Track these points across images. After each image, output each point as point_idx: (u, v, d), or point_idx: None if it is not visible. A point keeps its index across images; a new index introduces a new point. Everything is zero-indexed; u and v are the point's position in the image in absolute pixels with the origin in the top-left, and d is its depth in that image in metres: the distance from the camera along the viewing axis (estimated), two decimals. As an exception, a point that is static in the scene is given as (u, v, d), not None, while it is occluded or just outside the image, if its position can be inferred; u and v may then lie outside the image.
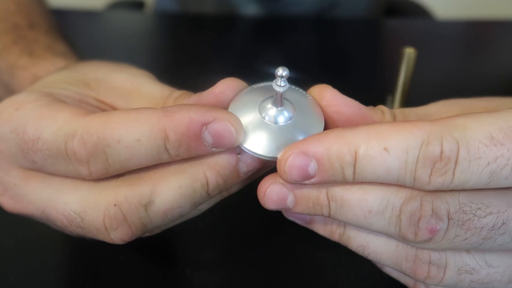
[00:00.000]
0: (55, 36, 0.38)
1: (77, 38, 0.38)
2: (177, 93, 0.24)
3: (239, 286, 0.27)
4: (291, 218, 0.24)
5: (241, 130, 0.20)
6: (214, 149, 0.20)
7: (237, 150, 0.21)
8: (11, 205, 0.24)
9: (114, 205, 0.21)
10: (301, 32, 0.62)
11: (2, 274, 0.27)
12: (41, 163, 0.22)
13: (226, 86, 0.22)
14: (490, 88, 0.50)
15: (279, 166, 0.20)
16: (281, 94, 0.21)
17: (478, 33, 0.65)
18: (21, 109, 0.22)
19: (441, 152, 0.18)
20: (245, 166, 0.22)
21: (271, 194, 0.21)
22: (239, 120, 0.21)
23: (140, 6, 0.83)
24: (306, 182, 0.20)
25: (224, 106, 0.22)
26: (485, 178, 0.18)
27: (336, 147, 0.19)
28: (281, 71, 0.21)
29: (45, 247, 0.29)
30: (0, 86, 0.36)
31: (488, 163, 0.18)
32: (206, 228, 0.30)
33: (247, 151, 0.21)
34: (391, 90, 0.35)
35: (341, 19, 0.70)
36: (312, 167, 0.19)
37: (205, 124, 0.20)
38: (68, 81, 0.25)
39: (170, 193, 0.21)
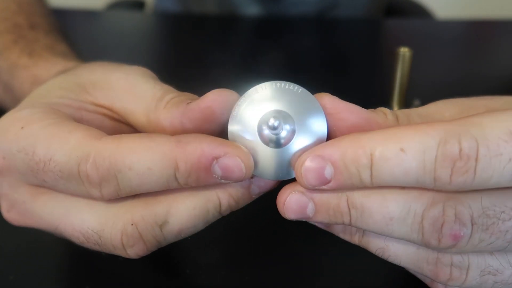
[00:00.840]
0: (56, 36, 0.38)
1: (77, 38, 0.38)
2: (168, 96, 0.24)
3: (239, 286, 0.27)
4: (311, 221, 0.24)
5: (251, 165, 0.21)
6: (223, 181, 0.21)
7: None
8: (19, 221, 0.25)
9: (131, 224, 0.22)
10: (302, 32, 0.62)
11: (2, 274, 0.27)
12: (52, 183, 0.22)
13: (213, 100, 0.22)
14: (490, 88, 0.50)
15: (296, 171, 0.20)
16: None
17: (478, 33, 0.65)
18: (27, 127, 0.22)
19: (460, 150, 0.18)
20: (258, 188, 0.22)
21: (291, 203, 0.21)
22: (250, 156, 0.21)
23: (140, 6, 0.83)
24: (324, 187, 0.20)
25: (211, 122, 0.22)
26: (508, 175, 0.18)
27: (351, 150, 0.19)
28: (273, 122, 0.21)
29: (45, 247, 0.29)
30: (0, 86, 0.36)
31: (510, 159, 0.18)
32: (206, 228, 0.30)
33: (258, 176, 0.22)
34: (390, 91, 0.35)
35: (341, 19, 0.70)
36: (328, 170, 0.20)
37: (216, 158, 0.20)
38: (65, 87, 0.25)
39: (185, 214, 0.22)
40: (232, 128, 0.22)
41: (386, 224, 0.20)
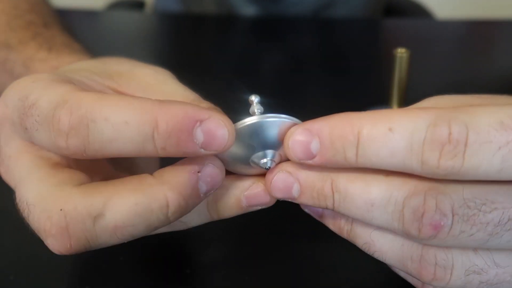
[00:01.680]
0: (69, 35, 0.39)
1: (77, 38, 0.38)
2: (204, 104, 0.23)
3: (240, 286, 0.27)
4: (306, 210, 0.24)
5: (233, 134, 0.20)
6: (202, 150, 0.20)
7: (197, 168, 0.21)
8: (4, 176, 0.24)
9: (60, 210, 0.20)
10: (301, 33, 0.62)
11: (2, 274, 0.27)
12: (30, 131, 0.22)
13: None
14: (489, 88, 0.50)
15: (285, 143, 0.20)
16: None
17: (478, 33, 0.65)
18: (36, 82, 0.22)
19: (450, 134, 0.18)
20: (205, 185, 0.21)
21: (277, 182, 0.21)
22: (233, 125, 0.20)
23: (140, 6, 0.83)
24: (310, 161, 0.20)
25: None
26: (497, 164, 0.18)
27: (339, 127, 0.19)
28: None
29: (45, 247, 0.29)
30: (11, 79, 0.36)
31: (500, 148, 0.18)
32: (206, 228, 0.30)
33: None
34: (389, 91, 0.35)
35: (340, 19, 0.70)
36: (315, 144, 0.20)
37: (200, 121, 0.19)
38: (92, 70, 0.25)
39: (124, 208, 0.20)
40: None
41: (368, 210, 0.20)
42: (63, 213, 0.20)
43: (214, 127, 0.19)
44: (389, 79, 0.34)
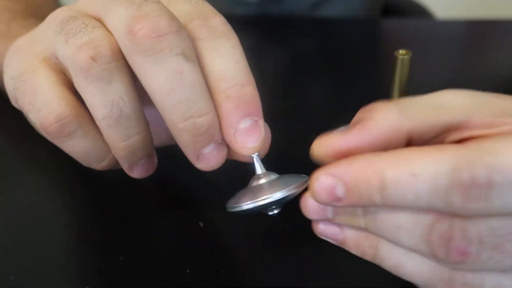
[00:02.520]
0: None
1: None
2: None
3: (239, 286, 0.27)
4: (323, 237, 0.24)
5: None
6: None
7: None
8: None
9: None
10: (300, 32, 0.62)
11: (2, 274, 0.27)
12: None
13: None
14: (490, 88, 0.50)
15: (310, 187, 0.21)
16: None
17: (478, 33, 0.65)
18: None
19: (473, 178, 0.18)
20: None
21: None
22: None
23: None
24: (337, 204, 0.20)
25: None
26: None
27: (363, 171, 0.19)
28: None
29: (45, 247, 0.29)
30: None
31: None
32: (206, 228, 0.30)
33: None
34: (389, 92, 0.35)
35: (340, 18, 0.70)
36: (340, 189, 0.20)
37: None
38: None
39: None
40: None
41: (396, 232, 0.20)
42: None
43: None
44: (388, 79, 0.34)
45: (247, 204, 0.22)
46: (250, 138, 0.23)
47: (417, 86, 0.49)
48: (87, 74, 0.22)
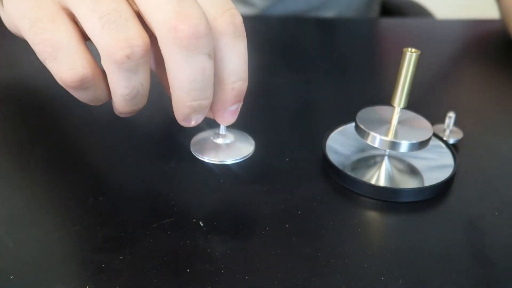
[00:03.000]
0: None
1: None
2: None
3: (239, 286, 0.27)
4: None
5: None
6: None
7: None
8: None
9: None
10: (301, 32, 0.62)
11: (2, 274, 0.27)
12: None
13: None
14: (490, 88, 0.50)
15: None
16: None
17: (478, 32, 0.65)
18: None
19: None
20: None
21: None
22: None
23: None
24: None
25: None
26: None
27: None
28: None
29: (45, 247, 0.29)
30: None
31: None
32: (207, 228, 0.31)
33: None
34: (389, 91, 0.35)
35: (340, 18, 0.70)
36: None
37: None
38: None
39: None
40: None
41: None
42: None
43: None
44: (389, 79, 0.34)
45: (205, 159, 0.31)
46: (232, 116, 0.30)
47: (417, 86, 0.49)
48: (120, 67, 0.25)
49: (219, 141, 0.32)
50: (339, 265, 0.28)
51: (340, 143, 0.38)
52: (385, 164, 0.35)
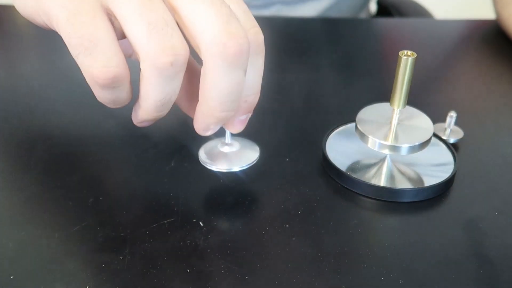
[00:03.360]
0: None
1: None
2: None
3: (240, 286, 0.27)
4: None
5: None
6: None
7: None
8: None
9: None
10: (301, 32, 0.62)
11: (3, 274, 0.27)
12: None
13: None
14: (489, 88, 0.50)
15: None
16: None
17: (478, 32, 0.65)
18: None
19: None
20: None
21: None
22: None
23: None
24: None
25: None
26: None
27: None
28: None
29: (45, 247, 0.29)
30: None
31: None
32: (207, 228, 0.31)
33: None
34: (389, 90, 0.35)
35: (340, 18, 0.70)
36: None
37: None
38: None
39: None
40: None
41: None
42: None
43: None
44: (388, 79, 0.34)
45: (213, 167, 0.32)
46: (241, 125, 0.31)
47: (417, 86, 0.48)
48: (161, 72, 0.26)
49: (226, 149, 0.33)
50: (339, 265, 0.28)
51: (340, 143, 0.38)
52: (385, 164, 0.35)
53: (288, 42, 0.59)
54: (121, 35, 0.27)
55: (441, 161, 0.36)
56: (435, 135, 0.38)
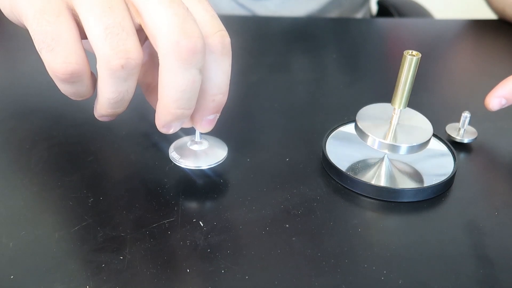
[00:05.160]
0: None
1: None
2: None
3: (240, 286, 0.27)
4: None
5: None
6: None
7: None
8: None
9: None
10: (301, 32, 0.62)
11: (3, 274, 0.27)
12: None
13: None
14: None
15: (487, 106, 0.40)
16: None
17: (478, 32, 0.65)
18: None
19: None
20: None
21: (494, 104, 0.40)
22: None
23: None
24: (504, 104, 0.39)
25: None
26: None
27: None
28: None
29: (45, 247, 0.29)
30: None
31: None
32: (207, 228, 0.31)
33: None
34: (389, 90, 0.35)
35: (340, 18, 0.70)
36: (503, 101, 0.39)
37: None
38: None
39: None
40: None
41: None
42: None
43: None
44: (389, 79, 0.34)
45: (182, 164, 0.34)
46: (209, 125, 0.32)
47: (417, 86, 0.49)
48: (113, 73, 0.27)
49: (195, 147, 0.35)
50: (339, 265, 0.28)
51: (340, 143, 0.38)
52: (385, 164, 0.35)
53: (288, 42, 0.59)
54: (85, 35, 0.28)
55: (441, 161, 0.36)
56: (435, 135, 0.38)
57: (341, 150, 0.37)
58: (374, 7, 0.95)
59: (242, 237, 0.30)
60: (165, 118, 0.29)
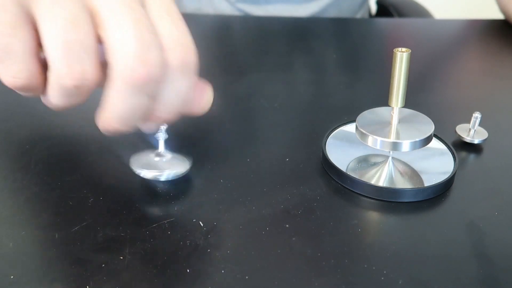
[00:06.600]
0: None
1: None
2: None
3: (240, 286, 0.27)
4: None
5: None
6: None
7: None
8: None
9: None
10: (302, 32, 0.62)
11: (2, 274, 0.27)
12: None
13: None
14: (490, 88, 0.50)
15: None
16: None
17: (478, 32, 0.65)
18: None
19: None
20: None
21: None
22: None
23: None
24: None
25: None
26: None
27: None
28: None
29: (45, 247, 0.29)
30: None
31: None
32: (207, 228, 0.31)
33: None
34: (389, 91, 0.35)
35: (340, 19, 0.70)
36: None
37: None
38: None
39: None
40: None
41: None
42: None
43: None
44: (388, 79, 0.34)
45: (141, 173, 0.33)
46: (154, 127, 0.31)
47: (417, 85, 0.49)
48: (65, 91, 0.27)
49: (156, 159, 0.35)
50: (339, 265, 0.28)
51: (340, 143, 0.38)
52: (385, 164, 0.35)
53: (288, 43, 0.59)
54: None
55: (441, 161, 0.36)
56: (435, 135, 0.38)
57: (341, 150, 0.37)
58: (373, 7, 0.95)
59: (242, 237, 0.30)
60: (105, 127, 0.29)
